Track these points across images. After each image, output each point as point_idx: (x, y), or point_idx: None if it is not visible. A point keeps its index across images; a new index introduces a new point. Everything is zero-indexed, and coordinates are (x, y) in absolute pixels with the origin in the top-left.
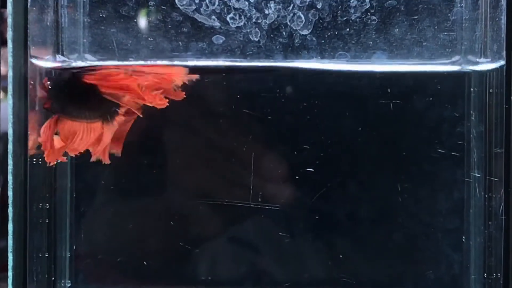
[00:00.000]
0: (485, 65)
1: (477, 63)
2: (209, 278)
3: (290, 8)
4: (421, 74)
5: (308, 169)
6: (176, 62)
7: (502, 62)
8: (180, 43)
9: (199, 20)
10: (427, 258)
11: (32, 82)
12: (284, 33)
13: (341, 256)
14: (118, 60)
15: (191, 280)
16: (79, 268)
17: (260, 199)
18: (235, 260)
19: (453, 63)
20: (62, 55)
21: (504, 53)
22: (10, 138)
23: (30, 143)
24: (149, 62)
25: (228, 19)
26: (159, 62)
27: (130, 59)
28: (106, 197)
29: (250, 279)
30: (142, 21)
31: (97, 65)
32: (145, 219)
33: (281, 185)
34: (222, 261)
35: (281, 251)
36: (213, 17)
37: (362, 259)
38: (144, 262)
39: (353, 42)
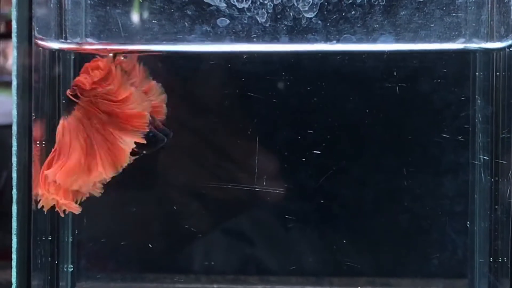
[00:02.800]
0: (491, 44)
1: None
2: (208, 264)
3: None
4: (427, 57)
5: (314, 151)
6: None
7: (510, 42)
8: (186, 24)
9: (205, 0)
10: (433, 242)
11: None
12: (290, 15)
13: (346, 240)
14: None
15: (194, 265)
16: (81, 253)
17: (264, 183)
18: (237, 248)
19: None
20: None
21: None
22: (15, 120)
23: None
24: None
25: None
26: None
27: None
28: (109, 181)
29: (252, 266)
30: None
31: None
32: (148, 203)
33: (286, 170)
34: (224, 249)
35: (289, 234)
36: None
37: (368, 244)
38: (149, 245)
39: (359, 25)
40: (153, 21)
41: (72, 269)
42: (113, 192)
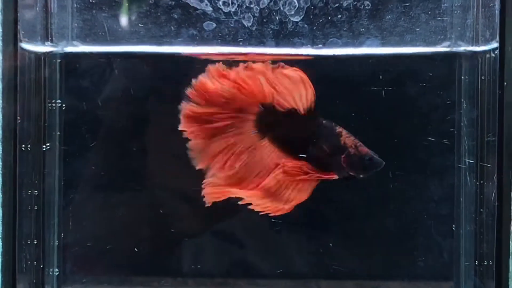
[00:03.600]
0: (476, 47)
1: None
2: (198, 267)
3: None
4: (412, 61)
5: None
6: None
7: (495, 45)
8: (172, 28)
9: (191, 4)
10: (419, 245)
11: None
12: (276, 19)
13: (333, 243)
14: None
15: (181, 269)
16: (66, 257)
17: None
18: (225, 251)
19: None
20: (51, 41)
21: (497, 39)
22: (0, 123)
23: None
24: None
25: (220, 4)
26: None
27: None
28: (95, 184)
29: (238, 269)
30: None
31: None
32: (134, 207)
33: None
34: (212, 252)
35: (277, 237)
36: (205, 1)
37: (355, 247)
38: (135, 249)
39: (345, 29)
40: (140, 24)
41: (57, 273)
42: (99, 195)
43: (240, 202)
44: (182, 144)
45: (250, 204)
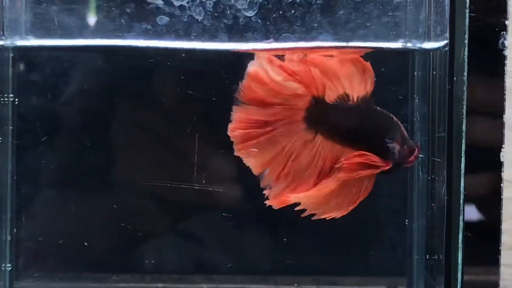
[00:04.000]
0: (428, 44)
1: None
2: (153, 262)
3: None
4: (365, 57)
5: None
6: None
7: (445, 41)
8: (123, 22)
9: None
10: (373, 241)
11: None
12: (230, 13)
13: (285, 239)
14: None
15: (134, 265)
16: (19, 252)
17: (204, 181)
18: (182, 247)
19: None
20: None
21: (447, 35)
22: None
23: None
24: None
25: None
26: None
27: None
28: (48, 179)
29: (193, 265)
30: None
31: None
32: (88, 202)
33: (225, 168)
34: (169, 248)
35: (223, 233)
36: None
37: (311, 242)
38: (85, 244)
39: (298, 24)
40: (91, 18)
41: (10, 268)
42: (52, 190)
43: (304, 214)
44: (136, 138)
45: (313, 214)
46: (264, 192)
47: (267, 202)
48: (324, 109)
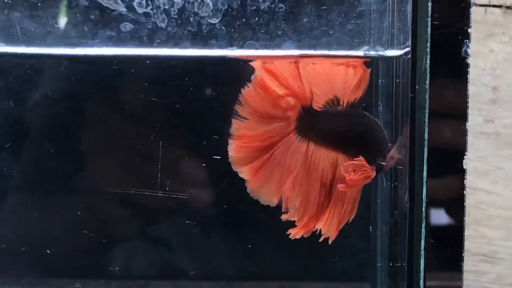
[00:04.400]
0: (389, 52)
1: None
2: (118, 269)
3: None
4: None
5: (215, 157)
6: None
7: (406, 49)
8: (85, 29)
9: (104, 4)
10: (335, 247)
11: None
12: (192, 21)
13: (249, 246)
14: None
15: (97, 272)
16: None
17: (167, 188)
18: (147, 253)
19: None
20: None
21: (409, 42)
22: None
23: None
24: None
25: (134, 4)
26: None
27: None
28: (11, 185)
29: (158, 271)
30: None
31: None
32: (51, 208)
33: (190, 174)
34: (132, 254)
35: (188, 240)
36: (119, 1)
37: (269, 249)
38: (47, 251)
39: (263, 31)
40: (55, 25)
41: None
42: (14, 197)
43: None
44: (100, 144)
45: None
46: (282, 217)
47: (293, 235)
48: (312, 116)
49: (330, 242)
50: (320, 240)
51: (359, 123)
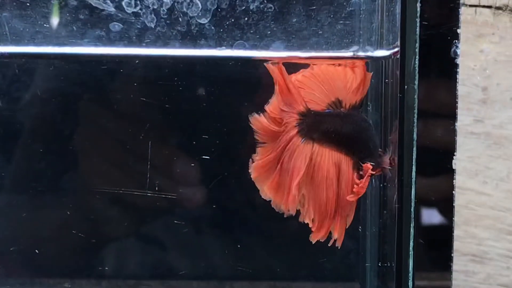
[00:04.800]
0: (378, 52)
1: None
2: (108, 269)
3: None
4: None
5: (204, 157)
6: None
7: (395, 50)
8: (74, 29)
9: (93, 4)
10: (323, 247)
11: None
12: (182, 21)
13: (238, 245)
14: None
15: (87, 271)
16: None
17: (157, 188)
18: (137, 253)
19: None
20: None
21: (398, 43)
22: None
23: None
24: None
25: (124, 4)
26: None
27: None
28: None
29: (149, 271)
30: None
31: None
32: (41, 207)
33: (180, 174)
34: (122, 254)
35: (178, 239)
36: (107, 0)
37: (259, 249)
38: (36, 251)
39: (252, 31)
40: (45, 24)
41: None
42: (3, 197)
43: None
44: (89, 144)
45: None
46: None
47: (312, 239)
48: (313, 118)
49: (339, 245)
50: (329, 245)
51: (360, 126)
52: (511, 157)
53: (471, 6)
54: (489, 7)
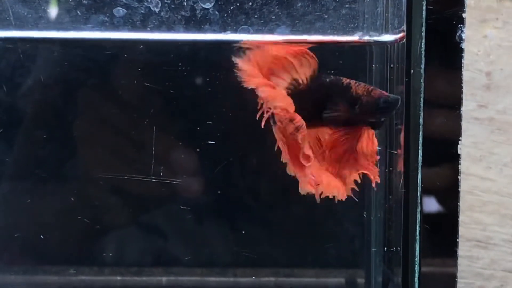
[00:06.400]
0: (385, 36)
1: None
2: (111, 256)
3: None
4: (322, 48)
5: (209, 142)
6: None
7: (401, 34)
8: (78, 13)
9: None
10: (329, 232)
11: None
12: (186, 5)
13: (243, 232)
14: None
15: (93, 259)
16: None
17: (161, 174)
18: (140, 240)
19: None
20: None
21: (404, 27)
22: None
23: None
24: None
25: None
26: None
27: None
28: (3, 172)
29: (152, 258)
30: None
31: None
32: (45, 195)
33: (183, 160)
34: (128, 241)
35: (181, 226)
36: None
37: (265, 236)
38: (40, 238)
39: (256, 16)
40: (47, 9)
41: None
42: (8, 183)
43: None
44: (93, 131)
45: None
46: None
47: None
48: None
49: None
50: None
51: (324, 92)
52: None
53: None
54: None
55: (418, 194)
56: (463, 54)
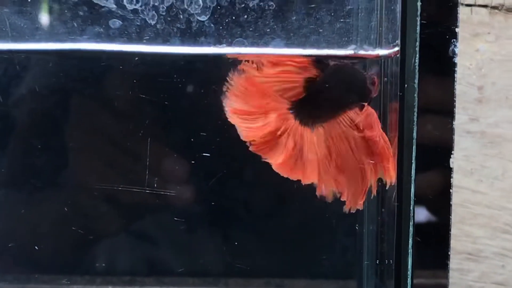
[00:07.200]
0: (377, 51)
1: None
2: (103, 265)
3: None
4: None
5: (204, 154)
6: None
7: (396, 49)
8: (74, 25)
9: (94, 1)
10: (322, 245)
11: None
12: (183, 18)
13: (236, 243)
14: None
15: (85, 268)
16: None
17: (155, 185)
18: (132, 249)
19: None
20: None
21: (398, 42)
22: None
23: None
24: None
25: (124, 1)
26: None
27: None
28: None
29: (144, 267)
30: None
31: None
32: (38, 204)
33: (177, 171)
34: (120, 250)
35: (174, 236)
36: None
37: (257, 246)
38: (36, 247)
39: (251, 29)
40: (40, 17)
41: None
42: (1, 193)
43: None
44: (88, 141)
45: None
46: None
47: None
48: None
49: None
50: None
51: (328, 91)
52: (506, 156)
53: (467, 5)
54: (485, 6)
55: (411, 207)
56: (456, 69)
